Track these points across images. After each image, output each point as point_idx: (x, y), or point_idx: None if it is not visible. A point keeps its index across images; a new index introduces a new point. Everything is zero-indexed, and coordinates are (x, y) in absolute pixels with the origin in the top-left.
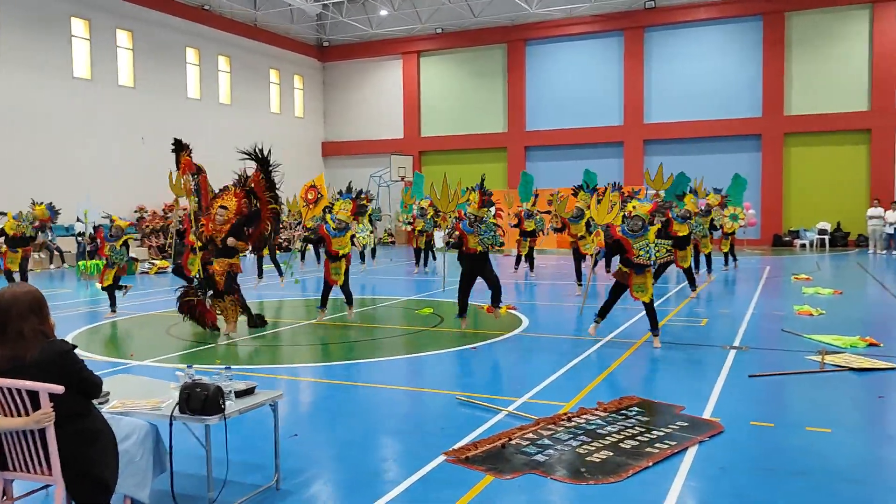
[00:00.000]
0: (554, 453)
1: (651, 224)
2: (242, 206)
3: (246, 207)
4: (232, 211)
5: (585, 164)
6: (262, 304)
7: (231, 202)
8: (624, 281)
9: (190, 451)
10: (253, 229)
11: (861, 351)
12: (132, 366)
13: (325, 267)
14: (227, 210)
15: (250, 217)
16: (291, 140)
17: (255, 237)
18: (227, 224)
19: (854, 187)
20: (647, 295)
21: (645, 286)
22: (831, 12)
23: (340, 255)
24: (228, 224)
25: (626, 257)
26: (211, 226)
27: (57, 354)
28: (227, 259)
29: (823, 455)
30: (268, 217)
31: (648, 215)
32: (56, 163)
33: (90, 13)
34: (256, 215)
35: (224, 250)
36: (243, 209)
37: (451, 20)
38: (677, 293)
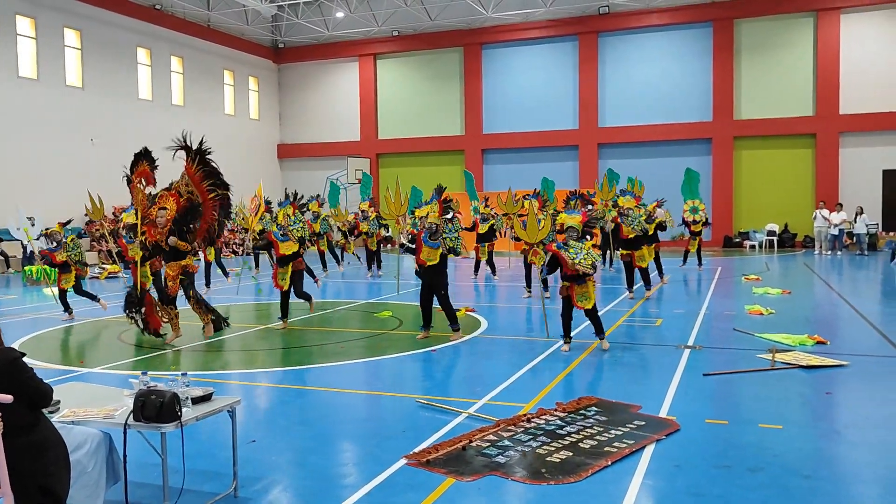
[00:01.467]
0: (514, 454)
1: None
2: (182, 203)
3: (187, 203)
4: (172, 210)
5: (542, 167)
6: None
7: (169, 202)
8: (567, 293)
9: (145, 460)
10: (198, 224)
11: (809, 349)
12: (83, 373)
13: (274, 272)
14: (167, 210)
15: (191, 212)
16: (247, 142)
17: (203, 231)
18: (168, 227)
19: (801, 190)
20: (590, 302)
21: (587, 294)
22: (778, 20)
23: (287, 255)
24: (168, 227)
25: (563, 271)
26: (154, 230)
27: (4, 363)
28: (179, 262)
29: (776, 451)
30: (211, 207)
31: (580, 225)
32: (2, 164)
33: (36, 11)
34: (196, 209)
35: (173, 253)
36: (184, 206)
37: (407, 23)
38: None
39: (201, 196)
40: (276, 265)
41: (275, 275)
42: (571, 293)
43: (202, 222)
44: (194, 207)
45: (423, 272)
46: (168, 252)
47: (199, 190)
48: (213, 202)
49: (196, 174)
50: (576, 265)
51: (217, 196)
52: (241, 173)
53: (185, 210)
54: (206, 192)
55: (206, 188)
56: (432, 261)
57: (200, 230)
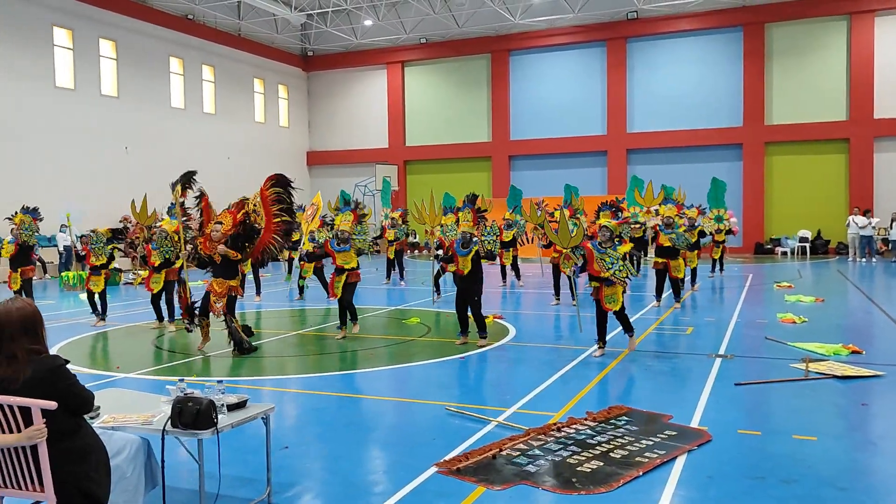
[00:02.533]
0: (544, 464)
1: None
2: (237, 221)
3: (242, 225)
4: (228, 226)
5: (569, 173)
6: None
7: (227, 219)
8: (597, 296)
9: (181, 466)
10: (253, 245)
11: (844, 358)
12: (119, 378)
13: (330, 282)
14: (222, 225)
15: (249, 232)
16: (276, 149)
17: (258, 250)
18: (222, 240)
19: (834, 196)
20: (618, 304)
21: (615, 297)
22: (810, 23)
23: (345, 269)
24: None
25: (590, 272)
26: (208, 244)
27: (49, 371)
28: (227, 280)
29: (810, 462)
30: (273, 231)
31: (617, 227)
32: (38, 173)
33: (73, 22)
34: (255, 231)
35: (224, 270)
36: (239, 225)
37: (435, 30)
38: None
39: (266, 217)
40: (333, 274)
41: (331, 284)
42: (600, 295)
43: (259, 243)
44: (252, 228)
45: (459, 279)
46: (218, 267)
47: (265, 211)
48: (276, 226)
49: (269, 196)
50: (610, 275)
51: (282, 221)
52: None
53: (243, 229)
54: (272, 216)
55: (273, 211)
56: (466, 268)
57: (255, 250)
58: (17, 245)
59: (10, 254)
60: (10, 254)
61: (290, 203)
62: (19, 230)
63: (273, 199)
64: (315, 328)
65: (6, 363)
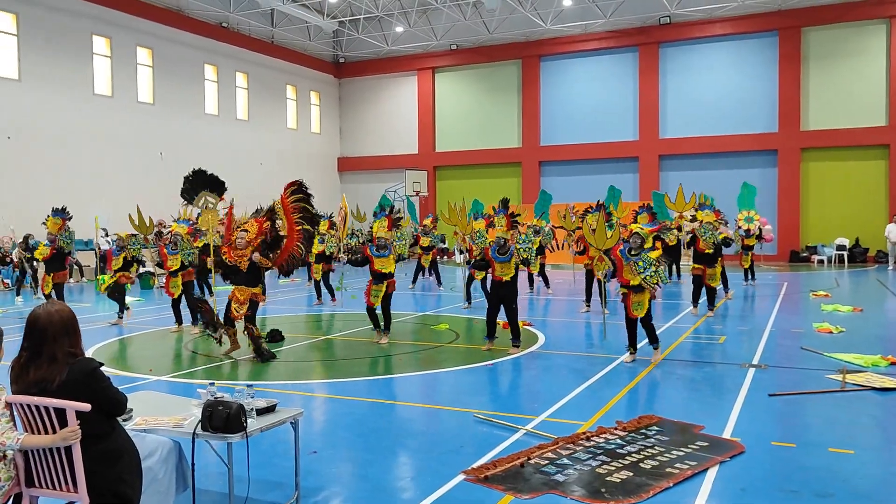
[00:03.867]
0: (573, 473)
1: (653, 247)
2: (265, 229)
3: (270, 231)
4: (253, 234)
5: (600, 179)
6: (266, 318)
7: (252, 227)
8: (625, 302)
9: (211, 469)
10: (278, 252)
11: (883, 370)
12: (151, 381)
13: (367, 287)
14: (247, 233)
15: (275, 240)
16: (308, 156)
17: (282, 259)
18: (248, 248)
19: (873, 203)
20: (643, 311)
21: (642, 304)
22: (848, 27)
23: (383, 273)
24: (250, 248)
25: (619, 280)
26: (233, 253)
27: (83, 373)
28: (250, 288)
29: (846, 476)
30: (296, 238)
31: (649, 235)
32: (76, 179)
33: (111, 31)
34: (279, 238)
35: (246, 278)
36: (266, 232)
37: (466, 36)
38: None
39: (287, 225)
40: (371, 280)
41: (368, 290)
42: (628, 302)
43: (283, 250)
44: (278, 236)
45: (497, 286)
46: (242, 275)
47: (287, 220)
48: (298, 234)
49: (290, 204)
50: (641, 280)
51: (303, 229)
52: None
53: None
54: (294, 224)
55: (294, 220)
56: (507, 275)
57: (280, 258)
58: (52, 249)
59: (45, 257)
60: (44, 256)
61: (311, 212)
62: (58, 236)
63: (294, 207)
64: (343, 333)
65: (46, 364)
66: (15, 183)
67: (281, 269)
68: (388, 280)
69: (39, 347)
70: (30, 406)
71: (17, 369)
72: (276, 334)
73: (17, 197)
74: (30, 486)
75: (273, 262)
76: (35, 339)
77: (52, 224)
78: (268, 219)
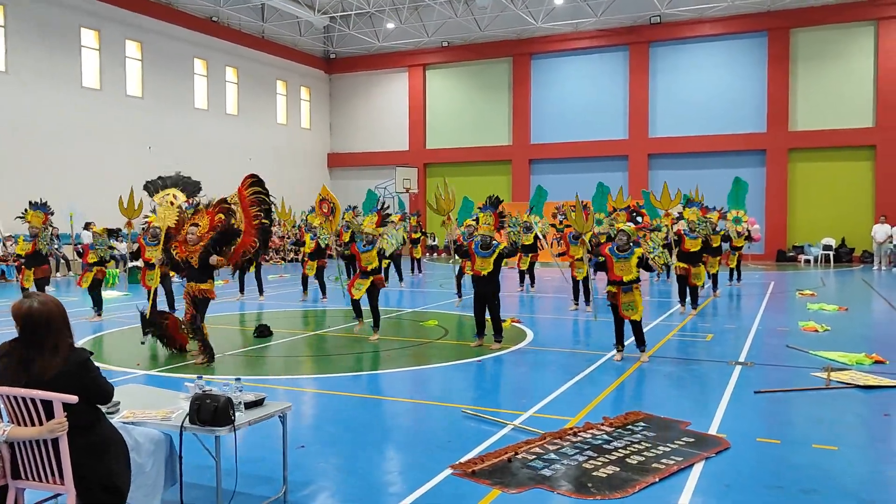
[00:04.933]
0: (560, 468)
1: (638, 244)
2: (216, 222)
3: (221, 224)
4: (204, 228)
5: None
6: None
7: (203, 220)
8: (614, 301)
9: (199, 462)
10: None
11: (867, 368)
12: (138, 375)
13: (352, 280)
14: (198, 228)
15: (227, 234)
16: (298, 151)
17: (237, 255)
18: (200, 244)
19: (859, 203)
20: (637, 313)
21: (634, 304)
22: (836, 29)
23: (369, 270)
24: (202, 243)
25: (609, 276)
26: (184, 247)
27: (77, 364)
28: (199, 284)
29: (830, 473)
30: (252, 234)
31: (635, 232)
32: (65, 172)
33: (100, 23)
34: (234, 233)
35: (197, 274)
36: (217, 225)
37: (457, 34)
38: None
39: (245, 219)
40: (357, 275)
41: (352, 284)
42: (618, 301)
43: (238, 246)
44: (231, 230)
45: (477, 281)
46: (193, 271)
47: (244, 213)
48: (255, 229)
49: (248, 197)
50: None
51: (260, 224)
52: (292, 181)
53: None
54: (251, 218)
55: (252, 213)
56: (486, 269)
57: (235, 253)
58: (33, 245)
59: (27, 252)
60: (25, 252)
61: (268, 204)
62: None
63: (252, 200)
64: (331, 329)
65: (49, 354)
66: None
67: (234, 266)
68: (374, 276)
69: (42, 340)
70: (16, 398)
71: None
72: (265, 329)
73: (2, 190)
74: (16, 479)
75: (227, 259)
76: (35, 331)
77: (34, 218)
78: (219, 210)
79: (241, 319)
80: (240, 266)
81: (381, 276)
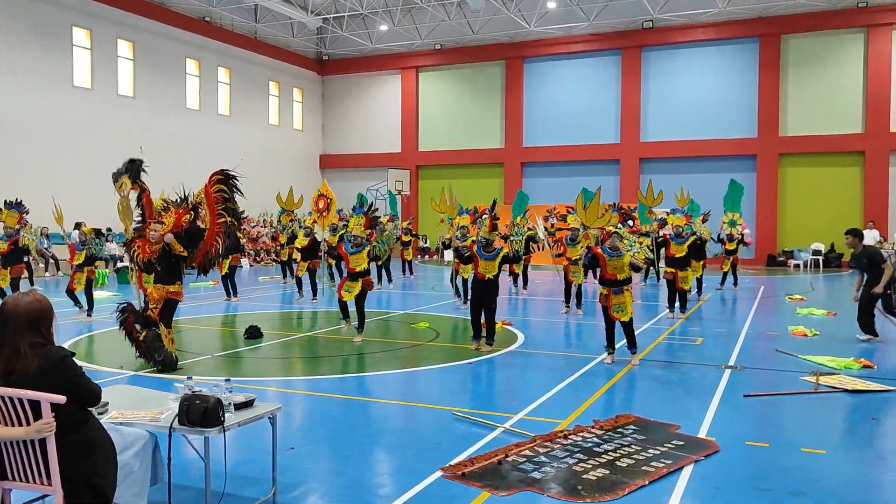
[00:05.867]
0: (550, 470)
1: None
2: (182, 221)
3: (187, 223)
4: (168, 227)
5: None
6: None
7: (169, 218)
8: (605, 303)
9: (188, 463)
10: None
11: (855, 373)
12: (128, 376)
13: (341, 282)
14: (163, 226)
15: (192, 233)
16: (290, 152)
17: (202, 255)
18: (161, 241)
19: (848, 209)
20: (627, 315)
21: (624, 306)
22: (827, 35)
23: (358, 271)
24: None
25: (602, 276)
26: (147, 247)
27: (54, 360)
28: (166, 286)
29: (818, 476)
30: (216, 233)
31: (629, 235)
32: (55, 171)
33: (92, 23)
34: (199, 233)
35: (162, 274)
36: (182, 224)
37: (450, 36)
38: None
39: (210, 218)
40: (346, 277)
41: (341, 285)
42: (608, 303)
43: (203, 245)
44: (197, 230)
45: (479, 284)
46: (159, 273)
47: (210, 211)
48: (220, 227)
49: (214, 195)
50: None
51: (225, 222)
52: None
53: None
54: (216, 216)
55: (217, 211)
56: (490, 272)
57: (199, 253)
58: (9, 245)
59: (2, 252)
60: (1, 251)
61: (234, 202)
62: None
63: (218, 198)
64: (322, 331)
65: (8, 357)
66: None
67: (198, 268)
68: (363, 278)
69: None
70: (2, 397)
71: None
72: (255, 331)
73: None
74: (2, 479)
75: (192, 258)
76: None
77: (9, 217)
78: (189, 211)
79: (231, 321)
80: (203, 265)
81: (369, 277)
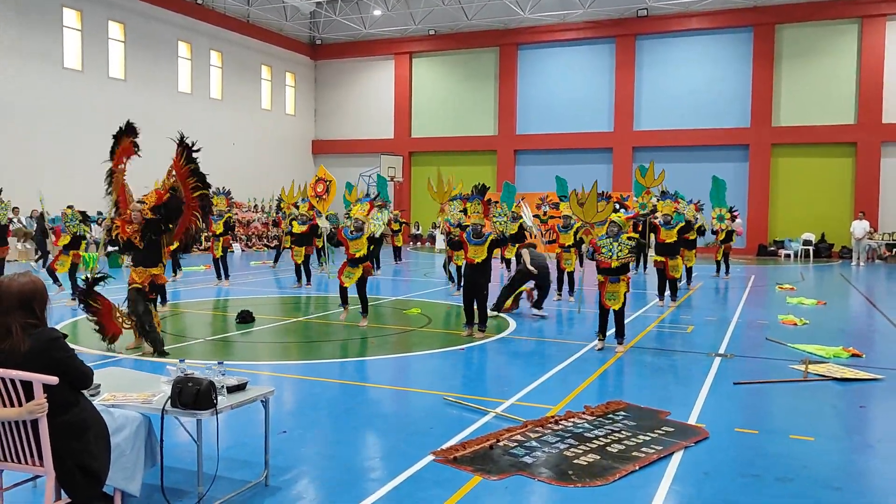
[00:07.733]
0: (541, 455)
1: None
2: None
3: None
4: (149, 206)
5: (574, 169)
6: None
7: (151, 198)
8: (601, 290)
9: (180, 446)
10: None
11: (844, 361)
12: (120, 358)
13: (342, 267)
14: (144, 205)
15: (170, 207)
16: (282, 137)
17: (181, 233)
18: (143, 221)
19: (839, 200)
20: (619, 303)
21: (617, 294)
22: (821, 26)
23: (358, 257)
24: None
25: (599, 265)
26: (128, 227)
27: (45, 341)
28: (148, 269)
29: (806, 462)
30: (194, 207)
31: (626, 223)
32: (45, 154)
33: (82, 3)
34: (177, 205)
35: (144, 256)
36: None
37: (444, 22)
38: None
39: (185, 194)
40: (346, 262)
41: (341, 270)
42: (602, 290)
43: (181, 223)
44: (173, 201)
45: (469, 270)
46: (138, 254)
47: (184, 187)
48: (195, 202)
49: (183, 169)
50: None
51: (199, 195)
52: (276, 167)
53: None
54: (190, 191)
55: (190, 185)
56: (479, 257)
57: (178, 231)
58: None
59: None
60: None
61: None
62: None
63: (187, 171)
64: (314, 315)
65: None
66: None
67: (180, 245)
68: (363, 264)
69: None
70: None
71: None
72: (247, 315)
73: None
74: None
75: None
76: None
77: None
78: (168, 191)
79: (222, 305)
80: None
81: (369, 263)
